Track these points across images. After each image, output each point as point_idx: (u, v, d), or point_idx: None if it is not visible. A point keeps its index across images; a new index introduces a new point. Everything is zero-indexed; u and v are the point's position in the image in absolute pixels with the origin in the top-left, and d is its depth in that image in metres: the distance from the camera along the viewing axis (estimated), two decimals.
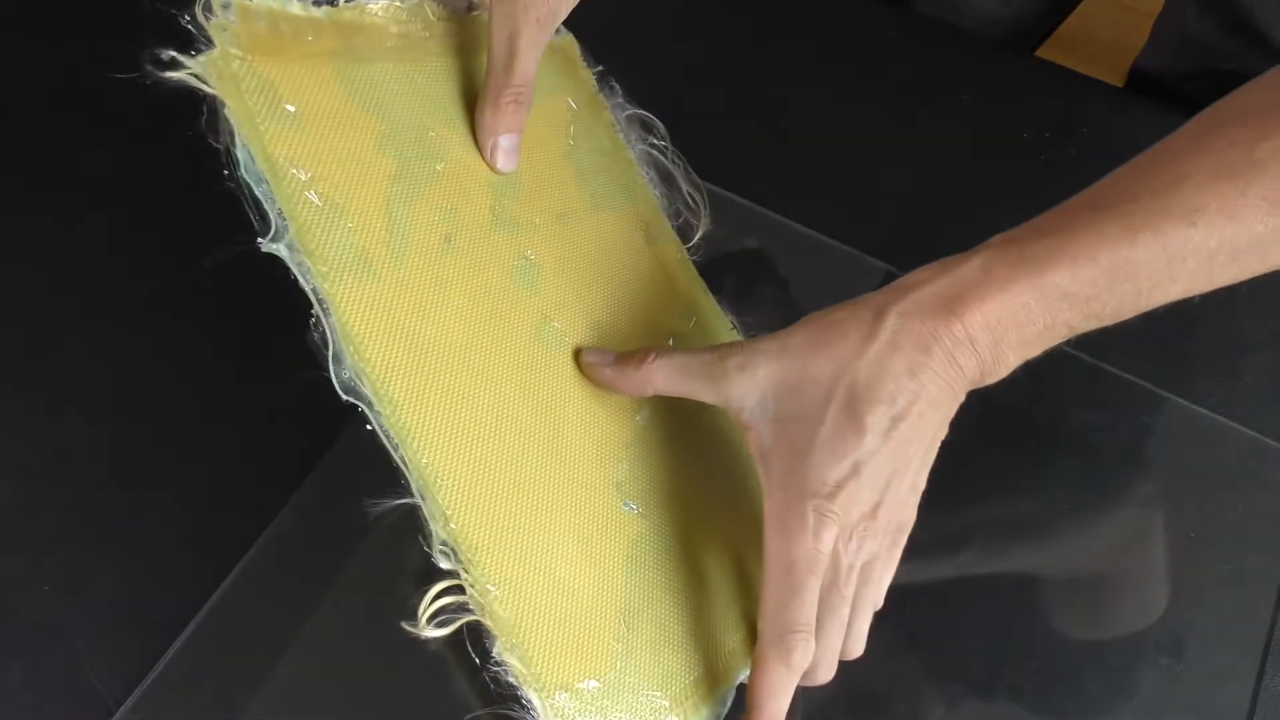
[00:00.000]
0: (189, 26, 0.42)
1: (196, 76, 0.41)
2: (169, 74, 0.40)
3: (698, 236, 0.56)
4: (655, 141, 0.55)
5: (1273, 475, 0.62)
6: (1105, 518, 0.62)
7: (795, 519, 0.42)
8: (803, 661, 0.44)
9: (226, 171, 0.42)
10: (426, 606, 0.43)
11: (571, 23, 0.53)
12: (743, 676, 0.50)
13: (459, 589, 0.43)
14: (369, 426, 0.43)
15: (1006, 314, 0.41)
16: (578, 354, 0.48)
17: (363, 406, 0.43)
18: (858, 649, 0.48)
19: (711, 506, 0.52)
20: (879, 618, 0.50)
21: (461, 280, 0.46)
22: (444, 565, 0.43)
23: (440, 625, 0.43)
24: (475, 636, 0.45)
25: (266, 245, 0.43)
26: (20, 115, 0.74)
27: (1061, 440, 0.64)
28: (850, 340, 0.42)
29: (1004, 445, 0.64)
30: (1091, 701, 0.55)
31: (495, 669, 0.43)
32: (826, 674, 0.47)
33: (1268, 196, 0.40)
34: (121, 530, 0.57)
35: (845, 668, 0.55)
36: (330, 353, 0.43)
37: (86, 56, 0.77)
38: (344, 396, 0.42)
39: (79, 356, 0.63)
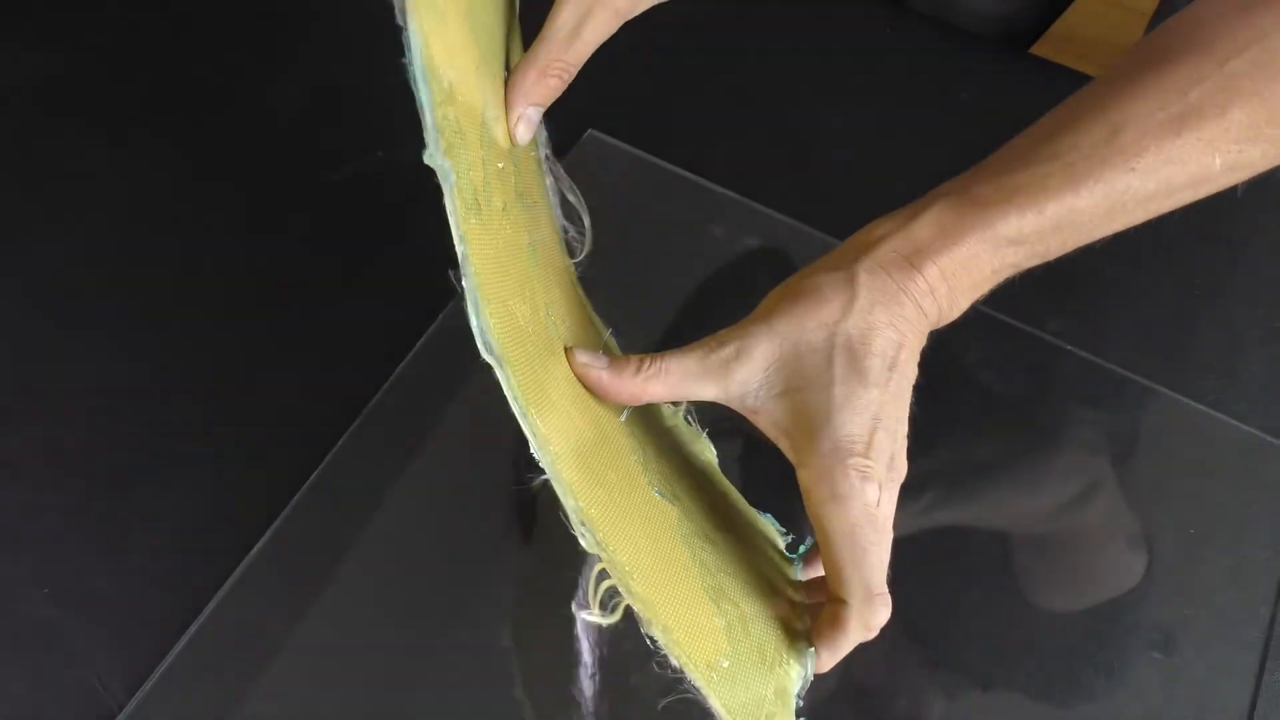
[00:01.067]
0: None
1: None
2: None
3: (584, 253, 0.54)
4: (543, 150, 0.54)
5: (1271, 471, 0.63)
6: (1104, 516, 0.62)
7: (842, 482, 0.43)
8: (883, 621, 0.45)
9: (403, 59, 0.39)
10: (594, 590, 0.42)
11: None
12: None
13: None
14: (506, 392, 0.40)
15: (959, 264, 0.43)
16: (568, 352, 0.47)
17: (495, 366, 0.40)
18: None
19: (696, 492, 0.52)
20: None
21: (514, 250, 0.45)
22: (584, 545, 0.41)
23: (612, 611, 0.43)
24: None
25: (429, 157, 0.39)
26: (17, 111, 0.74)
27: (1059, 436, 0.64)
28: (833, 303, 0.43)
29: (1001, 440, 0.64)
30: (1093, 698, 0.56)
31: (662, 654, 0.42)
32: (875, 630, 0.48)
33: (1202, 137, 0.42)
34: (122, 532, 0.57)
35: (843, 664, 0.55)
36: (469, 301, 0.40)
37: (86, 51, 0.77)
38: (484, 354, 0.40)
39: (78, 358, 0.63)
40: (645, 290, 0.68)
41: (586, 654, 0.47)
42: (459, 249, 0.39)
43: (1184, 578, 0.59)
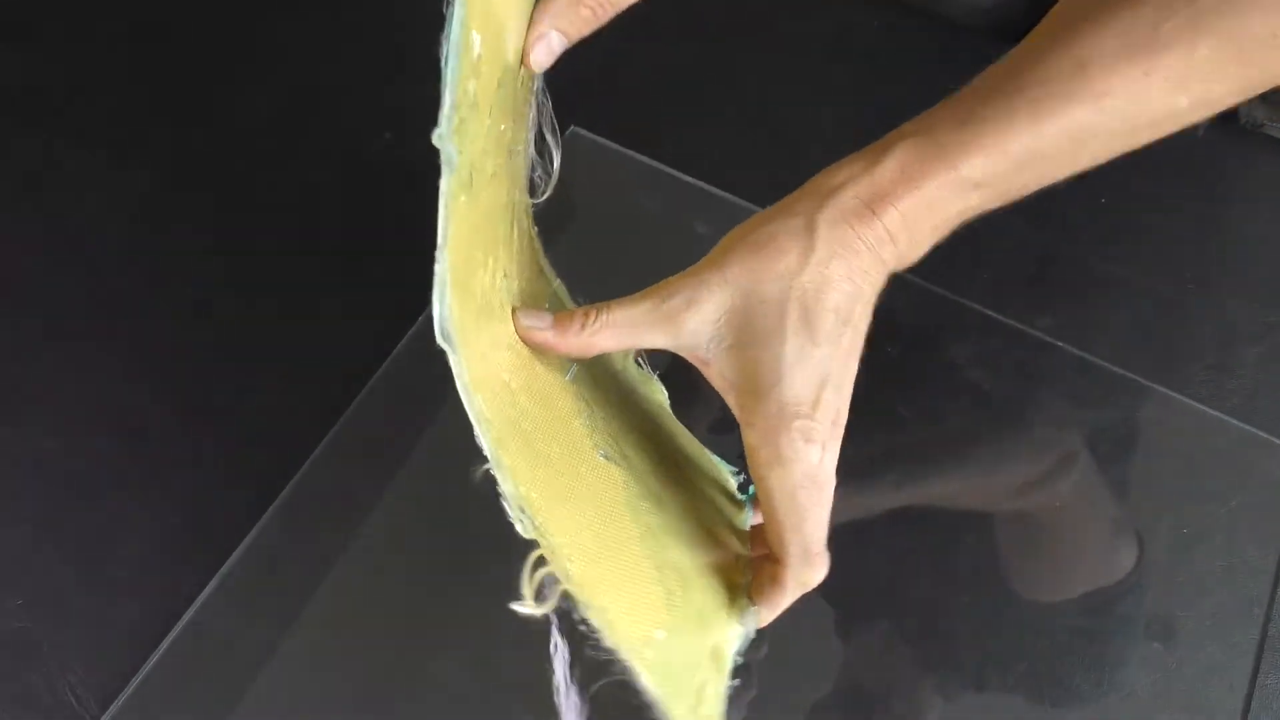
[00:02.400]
0: None
1: None
2: None
3: (548, 193, 0.53)
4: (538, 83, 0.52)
5: (1265, 468, 0.62)
6: (1097, 513, 0.62)
7: (786, 444, 0.43)
8: (818, 579, 0.46)
9: (444, 33, 0.37)
10: (530, 579, 0.41)
11: None
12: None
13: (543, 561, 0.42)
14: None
15: (922, 207, 0.43)
16: (513, 314, 0.46)
17: (448, 351, 0.40)
18: None
19: (644, 444, 0.52)
20: (874, 620, 0.49)
21: (493, 212, 0.44)
22: (520, 531, 0.41)
23: (544, 601, 0.42)
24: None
25: (437, 138, 0.38)
26: None
27: (1050, 434, 0.64)
28: (789, 256, 0.43)
29: (993, 438, 0.64)
30: (1085, 699, 0.55)
31: (595, 636, 0.42)
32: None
33: (1170, 77, 0.41)
34: (97, 542, 0.56)
35: (840, 666, 0.55)
36: (436, 287, 0.39)
37: (61, 55, 0.76)
38: (439, 340, 0.40)
39: (53, 365, 0.62)
40: (630, 288, 0.67)
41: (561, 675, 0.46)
42: (441, 232, 0.38)
43: (1177, 577, 0.58)
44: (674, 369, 0.55)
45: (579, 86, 0.54)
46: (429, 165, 0.38)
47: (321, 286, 0.66)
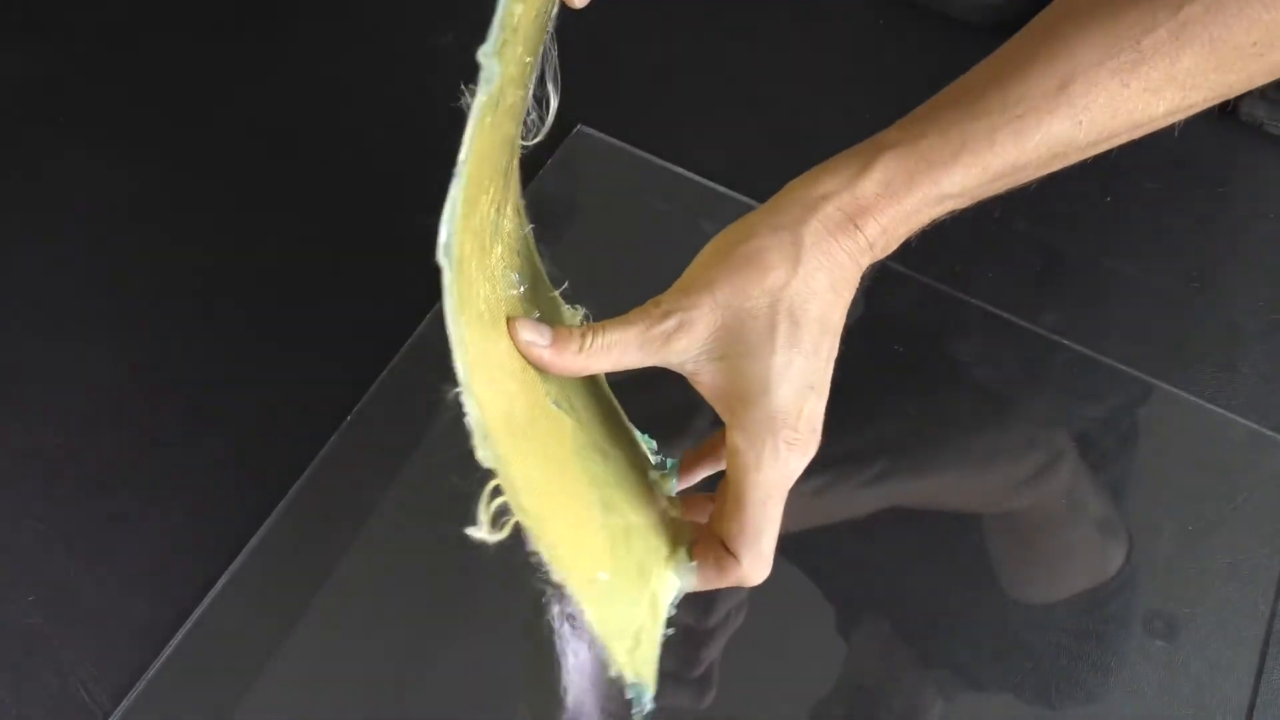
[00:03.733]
0: None
1: None
2: None
3: (539, 138, 0.53)
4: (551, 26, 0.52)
5: (1270, 466, 0.62)
6: (1102, 511, 0.62)
7: (769, 452, 0.44)
8: (762, 579, 0.48)
9: None
10: (486, 506, 0.42)
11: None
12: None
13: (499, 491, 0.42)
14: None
15: (900, 219, 0.44)
16: (511, 323, 0.47)
17: (445, 269, 0.39)
18: None
19: (589, 401, 0.52)
20: (876, 617, 0.49)
21: (503, 143, 0.44)
22: (479, 459, 0.41)
23: (500, 529, 0.42)
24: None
25: (483, 54, 0.37)
26: None
27: (1056, 432, 0.64)
28: (777, 270, 0.44)
29: (998, 436, 0.64)
30: (1090, 697, 0.55)
31: (544, 569, 0.43)
32: None
33: (1149, 87, 0.42)
34: (107, 539, 0.57)
35: (841, 665, 0.55)
36: (450, 203, 0.38)
37: (66, 51, 0.77)
38: (441, 256, 0.39)
39: (61, 363, 0.63)
40: (635, 287, 0.67)
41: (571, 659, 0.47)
42: (464, 149, 0.38)
43: (1182, 574, 0.59)
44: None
45: (586, 85, 0.55)
46: (434, 164, 0.39)
47: (328, 286, 0.66)
